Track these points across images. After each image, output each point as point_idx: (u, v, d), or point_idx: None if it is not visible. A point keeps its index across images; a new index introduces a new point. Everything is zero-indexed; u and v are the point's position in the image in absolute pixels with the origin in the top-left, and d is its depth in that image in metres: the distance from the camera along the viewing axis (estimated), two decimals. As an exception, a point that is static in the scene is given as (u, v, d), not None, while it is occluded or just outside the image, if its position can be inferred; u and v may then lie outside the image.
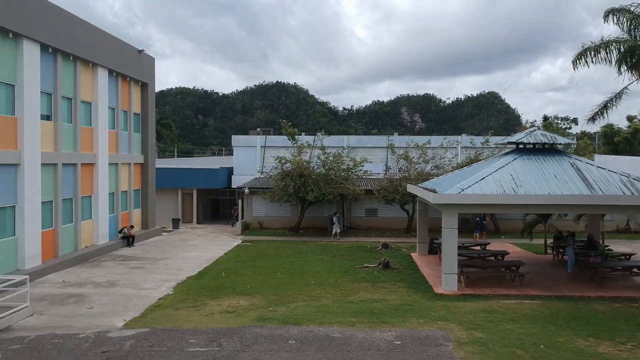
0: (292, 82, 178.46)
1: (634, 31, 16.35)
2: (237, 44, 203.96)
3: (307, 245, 31.72)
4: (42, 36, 23.37)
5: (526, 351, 13.76)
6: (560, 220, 30.35)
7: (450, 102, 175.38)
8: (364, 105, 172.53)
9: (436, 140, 41.95)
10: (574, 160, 22.57)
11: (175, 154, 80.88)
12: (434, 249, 27.44)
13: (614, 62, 16.24)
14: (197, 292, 20.29)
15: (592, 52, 16.20)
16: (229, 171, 44.89)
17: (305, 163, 35.44)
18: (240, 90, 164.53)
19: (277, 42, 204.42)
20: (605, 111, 16.88)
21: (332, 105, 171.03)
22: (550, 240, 28.35)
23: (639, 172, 23.95)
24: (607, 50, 16.02)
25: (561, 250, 26.26)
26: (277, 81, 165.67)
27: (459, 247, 23.87)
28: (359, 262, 26.05)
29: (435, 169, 35.77)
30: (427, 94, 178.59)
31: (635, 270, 21.67)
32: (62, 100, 25.44)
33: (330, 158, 35.82)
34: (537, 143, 23.42)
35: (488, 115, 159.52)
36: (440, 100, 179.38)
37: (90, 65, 28.20)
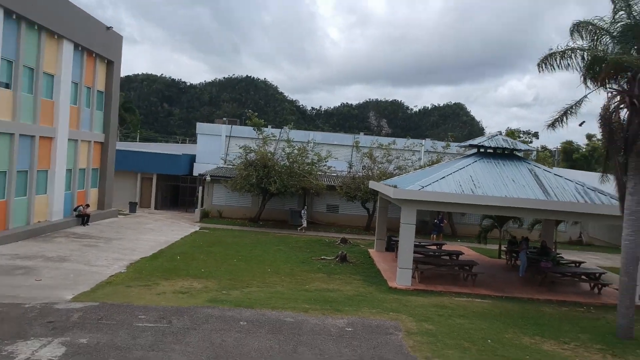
0: (262, 77, 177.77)
1: (597, 42, 16.81)
2: (209, 35, 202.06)
3: (266, 236, 31.62)
4: (6, 1, 22.68)
5: (473, 344, 14.00)
6: (515, 227, 31.01)
7: (417, 110, 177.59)
8: (332, 107, 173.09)
9: (401, 142, 42.43)
10: (532, 167, 23.10)
11: (138, 139, 79.56)
12: (391, 247, 27.69)
13: (578, 69, 16.64)
14: (150, 272, 19.99)
15: (558, 57, 16.56)
16: (192, 158, 44.39)
17: (269, 154, 35.32)
18: (209, 82, 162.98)
19: (249, 37, 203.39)
20: (565, 118, 17.28)
21: (301, 104, 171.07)
22: (504, 246, 28.93)
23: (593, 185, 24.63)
24: (572, 57, 16.42)
25: (514, 254, 26.83)
26: (247, 75, 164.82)
27: (416, 246, 24.18)
28: (317, 255, 26.10)
29: (398, 170, 36.11)
30: (395, 100, 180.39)
31: (583, 277, 22.29)
32: (23, 70, 24.71)
33: (295, 151, 35.79)
34: (497, 147, 23.88)
35: (453, 126, 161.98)
36: (407, 108, 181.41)
37: (56, 37, 27.49)
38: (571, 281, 22.72)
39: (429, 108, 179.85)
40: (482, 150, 24.60)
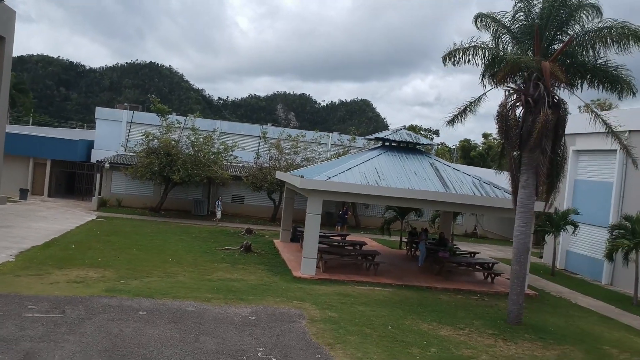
0: (167, 64, 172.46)
1: (498, 40, 17.63)
2: (113, 17, 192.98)
3: (168, 226, 30.69)
4: None
5: (374, 330, 14.28)
6: (416, 219, 32.09)
7: (325, 104, 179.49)
8: (240, 98, 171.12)
9: (309, 135, 42.62)
10: (433, 161, 23.93)
11: (30, 123, 74.60)
12: (297, 237, 27.74)
13: (479, 66, 17.38)
14: (42, 261, 18.77)
15: (461, 53, 17.19)
16: (90, 144, 42.28)
17: (173, 142, 34.28)
18: (110, 66, 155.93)
19: (155, 22, 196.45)
20: (464, 115, 18.00)
21: (207, 93, 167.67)
22: (405, 237, 29.83)
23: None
24: (474, 54, 17.10)
25: (414, 245, 27.72)
26: (151, 61, 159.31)
27: (321, 237, 24.37)
28: (221, 245, 25.65)
29: (305, 161, 36.26)
30: (303, 93, 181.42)
31: (477, 266, 23.40)
32: None
33: (201, 139, 34.98)
34: (401, 141, 24.53)
35: (359, 122, 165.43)
36: (315, 102, 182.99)
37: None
38: (466, 271, 23.81)
39: (337, 103, 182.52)
40: (387, 143, 25.17)
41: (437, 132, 77.26)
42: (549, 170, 16.66)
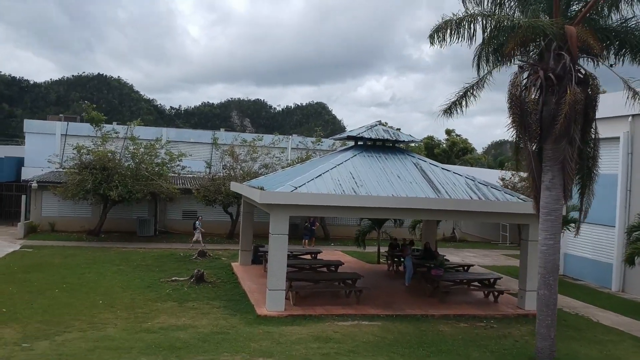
0: (115, 75, 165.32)
1: (501, 7, 13.95)
2: (58, 31, 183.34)
3: (107, 253, 26.02)
4: None
5: (375, 401, 10.30)
6: (395, 227, 28.33)
7: (280, 109, 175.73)
8: (192, 106, 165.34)
9: (267, 139, 38.35)
10: (417, 160, 20.17)
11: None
12: (259, 258, 23.58)
13: (473, 42, 13.69)
14: None
15: (454, 25, 13.43)
16: (20, 162, 37.09)
17: (110, 154, 29.61)
18: (56, 80, 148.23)
19: (104, 34, 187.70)
20: (464, 101, 14.31)
21: (159, 103, 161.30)
22: (384, 249, 26.03)
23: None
24: (471, 25, 13.37)
25: (396, 259, 23.93)
26: (99, 73, 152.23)
27: (288, 257, 20.35)
28: (168, 274, 21.25)
29: (264, 169, 32.12)
30: (258, 99, 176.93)
31: (475, 284, 19.72)
32: None
33: (142, 150, 30.41)
34: (378, 139, 20.66)
35: (316, 125, 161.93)
36: (270, 107, 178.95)
37: None
38: (461, 289, 20.07)
39: (292, 107, 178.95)
40: (360, 143, 21.29)
41: (399, 130, 74.11)
42: (578, 165, 13.03)
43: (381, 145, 20.97)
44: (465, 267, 22.64)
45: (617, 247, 22.85)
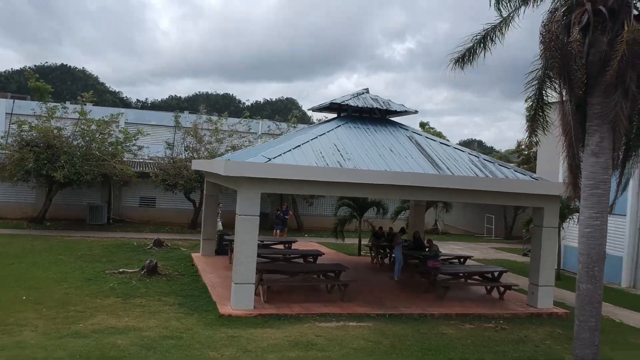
0: (80, 67, 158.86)
1: None
2: (25, 21, 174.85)
3: (48, 242, 22.47)
4: None
5: None
6: (376, 217, 25.39)
7: (250, 104, 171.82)
8: (160, 99, 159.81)
9: (234, 122, 34.97)
10: (411, 133, 17.30)
11: None
12: (224, 248, 20.43)
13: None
14: None
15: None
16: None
17: (55, 130, 26.01)
18: (17, 70, 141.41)
19: (72, 26, 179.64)
20: (482, 46, 11.49)
21: (124, 96, 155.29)
22: (366, 240, 23.17)
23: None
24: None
25: (382, 251, 21.07)
26: (62, 64, 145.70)
27: (258, 246, 17.31)
28: (115, 266, 17.93)
29: (231, 150, 28.89)
30: (227, 93, 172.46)
31: (476, 277, 16.95)
32: None
33: (93, 127, 26.88)
34: (366, 107, 17.71)
35: (285, 121, 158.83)
36: (239, 102, 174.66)
37: None
38: (458, 283, 17.29)
39: (262, 102, 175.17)
40: (343, 114, 18.32)
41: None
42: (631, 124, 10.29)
43: (369, 115, 18.04)
44: (462, 259, 19.88)
45: (627, 238, 20.43)
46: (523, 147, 34.08)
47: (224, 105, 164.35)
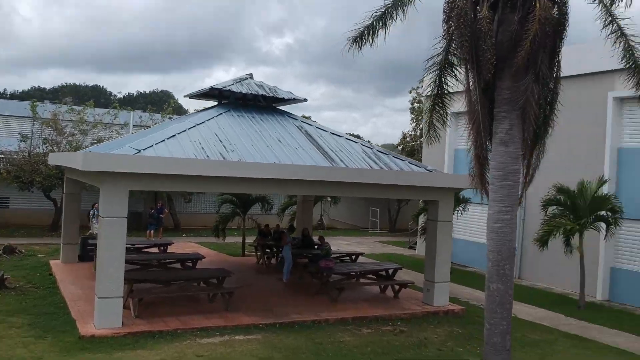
0: None
1: None
2: None
3: None
4: None
5: None
6: (262, 213, 23.86)
7: (121, 96, 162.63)
8: (20, 90, 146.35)
9: (101, 112, 31.73)
10: (300, 123, 15.96)
11: None
12: (88, 254, 17.89)
13: None
14: None
15: None
16: None
17: None
18: None
19: None
20: (382, 24, 10.33)
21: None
22: (251, 239, 21.60)
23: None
24: None
25: (269, 250, 19.59)
26: None
27: (128, 250, 15.21)
28: (-50, 280, 14.89)
29: (97, 143, 25.94)
30: (97, 85, 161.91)
31: (370, 276, 16.00)
32: None
33: None
34: (250, 94, 16.08)
35: (159, 111, 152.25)
36: (110, 94, 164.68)
37: None
38: (351, 283, 16.25)
39: (135, 95, 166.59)
40: (225, 102, 16.60)
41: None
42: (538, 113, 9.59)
43: (253, 103, 16.44)
44: (353, 257, 18.91)
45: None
46: (408, 139, 34.13)
47: (94, 97, 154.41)
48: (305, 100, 16.93)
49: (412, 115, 34.37)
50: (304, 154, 13.81)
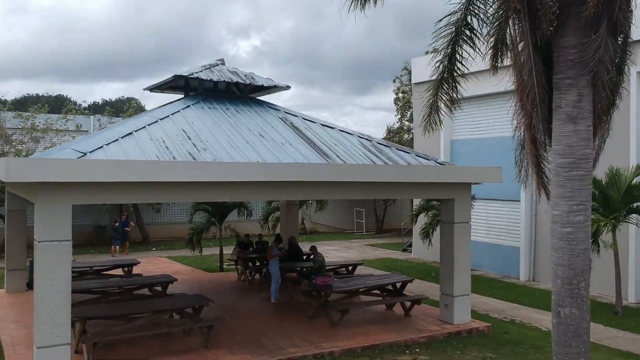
0: None
1: None
2: None
3: None
4: None
5: None
6: (241, 220, 21.26)
7: (87, 105, 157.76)
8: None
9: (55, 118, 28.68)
10: (284, 114, 13.45)
11: None
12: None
13: None
14: None
15: None
16: None
17: None
18: None
19: None
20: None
21: None
22: (229, 250, 19.04)
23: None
24: None
25: (251, 264, 17.03)
26: None
27: (85, 274, 12.62)
28: None
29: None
30: (60, 95, 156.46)
31: (376, 291, 13.54)
32: None
33: None
34: (222, 82, 13.51)
35: (121, 113, 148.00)
36: (75, 103, 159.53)
37: None
38: (355, 302, 13.77)
39: (100, 103, 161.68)
40: (192, 93, 14.01)
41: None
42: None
43: (227, 93, 13.89)
44: (350, 267, 16.45)
45: (524, 227, 18.38)
46: (392, 135, 31.83)
47: (57, 107, 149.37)
48: (288, 87, 14.44)
49: (397, 106, 32.02)
50: (292, 150, 11.32)
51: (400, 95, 31.58)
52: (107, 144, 9.68)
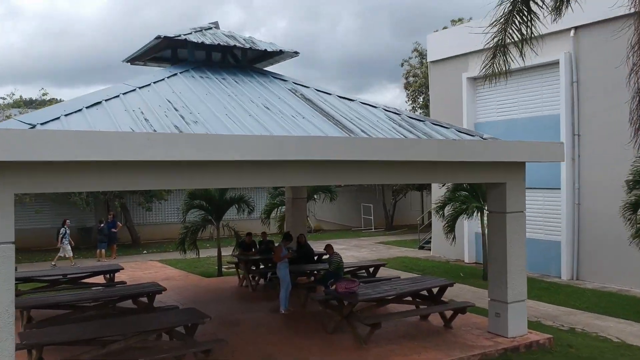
0: None
1: None
2: None
3: None
4: None
5: None
6: (240, 218, 18.94)
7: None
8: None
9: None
10: (293, 85, 11.11)
11: None
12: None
13: None
14: None
15: None
16: None
17: None
18: None
19: None
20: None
21: None
22: (228, 251, 16.73)
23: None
24: None
25: (254, 268, 14.71)
26: None
27: (58, 283, 10.46)
28: None
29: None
30: (54, 99, 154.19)
31: (408, 299, 11.19)
32: None
33: None
34: (216, 45, 11.14)
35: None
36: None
37: None
38: (366, 306, 11.41)
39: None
40: (181, 58, 11.68)
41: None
42: None
43: (222, 60, 11.54)
44: (371, 269, 14.11)
45: (565, 218, 16.10)
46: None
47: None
48: (296, 53, 12.07)
49: (407, 91, 29.72)
50: (306, 123, 8.97)
51: (411, 79, 29.27)
52: (65, 115, 7.35)
